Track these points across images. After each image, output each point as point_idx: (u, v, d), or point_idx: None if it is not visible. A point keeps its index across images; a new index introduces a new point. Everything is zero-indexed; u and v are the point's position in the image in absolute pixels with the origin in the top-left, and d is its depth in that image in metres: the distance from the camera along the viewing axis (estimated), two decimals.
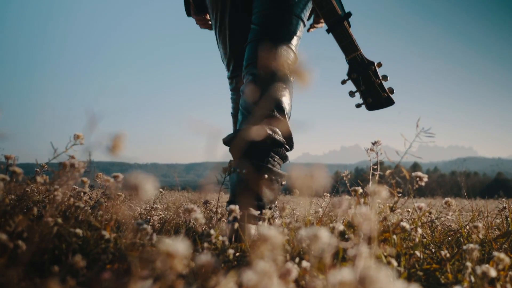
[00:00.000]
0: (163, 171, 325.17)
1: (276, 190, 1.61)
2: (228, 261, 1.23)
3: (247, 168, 1.51)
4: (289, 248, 1.14)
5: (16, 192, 1.52)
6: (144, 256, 0.38)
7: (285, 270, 0.70)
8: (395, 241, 1.26)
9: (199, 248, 1.23)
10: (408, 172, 1.38)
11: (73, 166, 1.00)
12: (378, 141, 1.54)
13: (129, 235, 1.16)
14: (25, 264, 0.97)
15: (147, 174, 0.61)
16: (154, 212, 2.29)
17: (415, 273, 1.22)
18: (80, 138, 1.20)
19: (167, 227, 1.71)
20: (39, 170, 1.57)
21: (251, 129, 1.51)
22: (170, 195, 6.75)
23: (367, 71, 1.53)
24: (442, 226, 1.95)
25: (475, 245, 1.17)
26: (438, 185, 49.78)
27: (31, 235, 1.08)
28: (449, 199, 1.57)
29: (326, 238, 0.57)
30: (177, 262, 0.43)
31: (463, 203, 6.87)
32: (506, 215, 1.95)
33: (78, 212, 1.39)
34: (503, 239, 1.54)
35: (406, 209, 1.88)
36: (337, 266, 0.96)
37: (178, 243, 0.45)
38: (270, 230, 0.58)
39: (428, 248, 1.51)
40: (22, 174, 1.16)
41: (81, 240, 1.19)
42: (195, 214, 1.18)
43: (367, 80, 1.53)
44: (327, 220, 1.66)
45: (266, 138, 1.51)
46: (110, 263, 1.11)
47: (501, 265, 1.07)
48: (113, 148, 0.65)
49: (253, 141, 1.48)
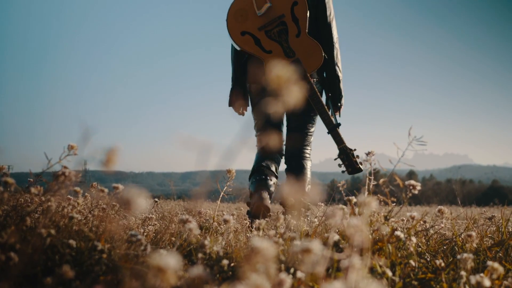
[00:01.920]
0: (159, 180, 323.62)
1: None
2: (222, 271, 1.22)
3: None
4: (283, 259, 1.14)
5: (9, 202, 1.51)
6: (136, 269, 0.38)
7: (278, 280, 0.69)
8: (390, 250, 1.26)
9: (193, 258, 1.23)
10: (402, 181, 1.38)
11: (64, 174, 1.00)
12: (372, 152, 1.56)
13: (123, 246, 1.16)
14: (17, 276, 0.96)
15: (140, 185, 0.61)
16: (149, 222, 2.28)
17: (410, 282, 1.22)
18: (74, 149, 1.20)
19: (161, 238, 1.70)
20: (32, 180, 1.57)
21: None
22: (166, 204, 6.71)
23: (349, 154, 2.47)
24: (437, 234, 1.96)
25: (469, 254, 1.17)
26: (434, 193, 49.93)
27: (23, 246, 1.07)
28: (442, 207, 1.57)
29: (319, 250, 0.57)
30: (169, 275, 0.43)
31: (458, 211, 6.88)
32: (498, 224, 1.96)
33: (72, 222, 1.38)
34: (498, 248, 1.55)
35: (401, 218, 1.88)
36: (332, 277, 0.96)
37: (169, 256, 0.45)
38: (263, 242, 0.58)
39: (423, 257, 1.51)
40: (15, 185, 1.15)
41: (74, 251, 1.18)
42: (189, 224, 1.18)
43: (349, 160, 2.48)
44: (322, 230, 1.66)
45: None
46: (104, 275, 1.10)
47: (495, 275, 1.08)
48: (107, 162, 0.65)
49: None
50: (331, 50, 2.55)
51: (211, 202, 7.55)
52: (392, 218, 1.46)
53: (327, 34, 2.57)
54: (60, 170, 1.02)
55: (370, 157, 1.55)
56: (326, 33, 2.57)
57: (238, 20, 2.45)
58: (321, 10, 2.56)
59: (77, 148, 1.20)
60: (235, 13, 2.47)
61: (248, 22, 2.44)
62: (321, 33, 2.57)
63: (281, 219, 1.42)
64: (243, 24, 2.44)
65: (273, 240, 1.18)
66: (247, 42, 2.44)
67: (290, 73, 0.52)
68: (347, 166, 2.47)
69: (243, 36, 2.44)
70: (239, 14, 2.46)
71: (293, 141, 2.71)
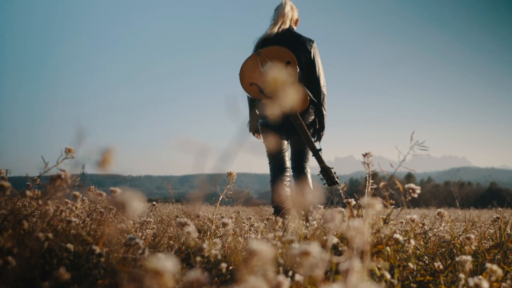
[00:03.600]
0: (157, 183, 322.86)
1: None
2: (221, 275, 1.22)
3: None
4: (282, 261, 1.13)
5: (7, 206, 1.51)
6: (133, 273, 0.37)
7: (277, 283, 0.69)
8: (389, 253, 1.26)
9: (192, 262, 1.22)
10: (402, 184, 1.38)
11: (61, 177, 1.00)
12: (369, 153, 1.56)
13: (121, 249, 1.15)
14: (15, 280, 0.96)
15: (138, 189, 0.61)
16: (147, 225, 2.28)
17: (409, 285, 1.22)
18: (71, 152, 1.19)
19: (160, 241, 1.69)
20: (30, 184, 1.56)
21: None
22: (164, 208, 6.70)
23: (328, 171, 3.30)
24: (436, 237, 1.95)
25: (468, 257, 1.17)
26: (432, 196, 49.94)
27: (21, 250, 1.06)
28: (442, 210, 1.57)
29: (318, 253, 0.56)
30: (166, 279, 0.43)
31: (457, 213, 6.88)
32: (499, 225, 1.96)
33: (69, 226, 1.38)
34: (496, 250, 1.54)
35: (400, 221, 1.88)
36: (330, 280, 0.95)
37: (166, 260, 0.45)
38: (261, 245, 0.58)
39: (422, 259, 1.50)
40: (11, 188, 1.15)
41: (72, 255, 1.18)
42: (188, 228, 1.17)
43: (328, 175, 3.30)
44: (321, 233, 1.65)
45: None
46: (102, 279, 1.09)
47: (494, 277, 1.07)
48: (103, 163, 0.65)
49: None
50: (319, 95, 3.47)
51: (210, 205, 7.54)
52: (391, 220, 1.46)
53: (317, 84, 3.48)
54: (57, 173, 1.02)
55: (367, 158, 1.55)
56: (315, 83, 3.48)
57: (247, 75, 3.31)
58: (312, 66, 3.45)
59: (74, 151, 1.19)
60: (245, 70, 3.31)
61: (255, 76, 3.30)
62: (312, 82, 3.47)
63: (279, 222, 1.42)
64: (251, 78, 3.30)
65: (271, 243, 1.17)
66: (253, 91, 3.29)
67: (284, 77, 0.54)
68: (326, 180, 3.34)
69: (251, 86, 3.30)
70: (248, 70, 3.32)
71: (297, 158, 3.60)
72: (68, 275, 0.86)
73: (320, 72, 3.47)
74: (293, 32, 3.50)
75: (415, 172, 19.41)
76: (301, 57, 3.39)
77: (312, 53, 3.43)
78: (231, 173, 2.04)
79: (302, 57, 3.39)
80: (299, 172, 3.54)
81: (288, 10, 3.49)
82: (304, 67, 3.41)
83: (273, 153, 3.55)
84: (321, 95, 3.47)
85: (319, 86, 3.46)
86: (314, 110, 3.48)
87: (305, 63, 3.41)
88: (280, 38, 3.43)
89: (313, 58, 3.44)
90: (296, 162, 3.56)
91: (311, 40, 3.47)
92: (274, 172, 3.56)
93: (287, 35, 3.46)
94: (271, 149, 3.56)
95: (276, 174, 3.53)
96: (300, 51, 3.40)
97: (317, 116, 3.50)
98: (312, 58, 3.43)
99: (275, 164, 3.56)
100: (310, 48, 3.43)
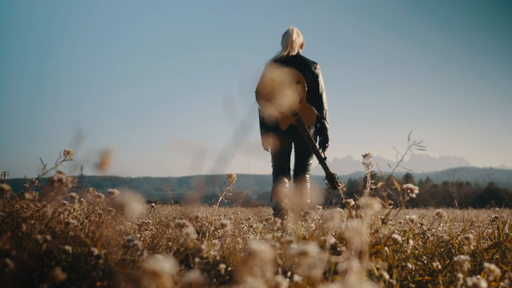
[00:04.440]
0: (156, 185, 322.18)
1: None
2: (220, 276, 1.22)
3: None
4: (281, 262, 1.13)
5: (5, 208, 1.50)
6: (132, 274, 0.37)
7: (275, 284, 0.69)
8: (387, 253, 1.26)
9: (191, 263, 1.22)
10: (400, 185, 1.38)
11: (61, 181, 0.99)
12: (369, 154, 1.56)
13: (120, 251, 1.15)
14: (13, 282, 0.95)
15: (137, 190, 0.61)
16: (146, 227, 2.27)
17: (407, 285, 1.22)
18: (70, 154, 1.19)
19: (158, 243, 1.69)
20: (28, 186, 1.56)
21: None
22: (163, 209, 6.69)
23: (332, 177, 3.75)
24: (434, 237, 1.96)
25: (466, 257, 1.17)
26: (430, 196, 49.97)
27: (19, 252, 1.06)
28: (441, 210, 1.57)
29: (316, 253, 0.57)
30: (164, 280, 0.43)
31: (455, 213, 6.89)
32: (497, 225, 1.97)
33: (68, 228, 1.37)
34: (494, 249, 1.55)
35: (398, 221, 1.88)
36: (329, 280, 0.96)
37: (165, 261, 0.45)
38: (260, 245, 0.58)
39: (420, 259, 1.51)
40: (11, 191, 1.14)
41: (70, 257, 1.17)
42: (186, 229, 1.17)
43: (332, 180, 3.75)
44: (319, 233, 1.66)
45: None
46: (100, 280, 1.09)
47: (492, 276, 1.08)
48: (101, 165, 0.65)
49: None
50: (322, 110, 3.98)
51: (209, 207, 7.54)
52: (389, 221, 1.46)
53: (320, 100, 3.98)
54: (55, 176, 1.01)
55: (367, 159, 1.55)
56: (319, 100, 3.98)
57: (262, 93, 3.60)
58: (316, 85, 3.96)
59: (73, 153, 1.19)
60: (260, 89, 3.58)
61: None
62: (316, 99, 3.97)
63: (278, 223, 1.42)
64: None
65: (270, 243, 1.17)
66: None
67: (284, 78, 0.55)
68: (330, 185, 3.80)
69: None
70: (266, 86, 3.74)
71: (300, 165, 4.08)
72: (64, 276, 0.85)
73: (323, 90, 4.00)
74: (300, 56, 4.03)
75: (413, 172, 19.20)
76: (307, 77, 3.90)
77: (316, 74, 3.97)
78: (231, 175, 2.03)
79: (308, 77, 3.91)
80: (300, 177, 4.02)
81: (295, 37, 4.01)
82: (309, 86, 3.93)
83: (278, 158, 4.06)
84: (323, 110, 3.99)
85: (322, 102, 3.98)
86: (318, 123, 4.00)
87: (310, 83, 3.93)
88: (289, 61, 3.95)
89: (317, 78, 3.97)
90: (298, 169, 4.05)
91: (315, 63, 4.00)
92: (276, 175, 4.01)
93: (295, 59, 3.98)
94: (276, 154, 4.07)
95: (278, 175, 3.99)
96: (306, 73, 3.91)
97: (321, 129, 4.01)
98: (316, 78, 3.96)
99: (278, 168, 4.04)
100: (314, 70, 3.97)
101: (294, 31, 4.06)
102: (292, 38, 4.00)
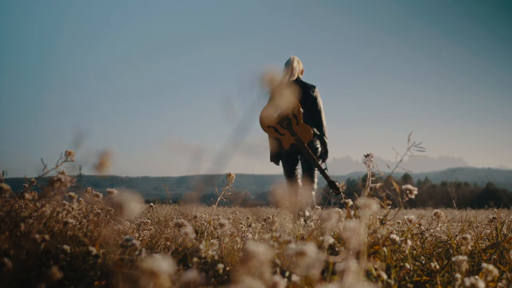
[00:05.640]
0: (154, 184, 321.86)
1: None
2: (218, 275, 1.22)
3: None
4: (279, 262, 1.14)
5: (4, 208, 1.50)
6: (129, 274, 0.37)
7: (273, 283, 0.69)
8: (385, 253, 1.26)
9: (189, 263, 1.22)
10: (399, 185, 1.38)
11: (60, 180, 0.99)
12: (371, 154, 1.56)
13: (118, 251, 1.15)
14: (11, 281, 0.95)
15: (135, 190, 0.61)
16: (144, 226, 2.27)
17: (406, 285, 1.22)
18: (71, 155, 1.19)
19: (157, 242, 1.69)
20: (27, 186, 1.56)
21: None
22: (162, 209, 6.69)
23: (334, 184, 3.95)
24: (432, 237, 1.96)
25: (464, 257, 1.18)
26: (429, 196, 50.01)
27: (17, 252, 1.06)
28: (438, 210, 1.58)
29: (314, 253, 0.57)
30: (162, 280, 0.43)
31: (453, 213, 6.90)
32: (495, 225, 1.97)
33: (66, 228, 1.37)
34: (492, 250, 1.55)
35: (397, 221, 1.88)
36: (327, 280, 0.96)
37: (163, 261, 0.45)
38: (258, 246, 0.58)
39: (418, 259, 1.51)
40: (10, 190, 1.14)
41: (69, 256, 1.17)
42: (185, 229, 1.18)
43: (334, 187, 3.94)
44: (317, 234, 1.66)
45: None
46: (98, 280, 1.09)
47: (490, 277, 1.08)
48: (100, 166, 0.65)
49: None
50: (321, 127, 4.54)
51: (207, 206, 7.53)
52: (388, 221, 1.46)
53: (319, 118, 4.56)
54: (56, 176, 1.01)
55: (369, 160, 1.55)
56: (318, 118, 4.56)
57: (266, 120, 4.32)
58: (315, 105, 4.52)
59: (74, 154, 1.19)
60: (264, 117, 4.33)
61: (271, 120, 4.37)
62: (316, 117, 4.55)
63: (276, 223, 1.42)
64: (268, 122, 4.33)
65: (268, 243, 1.18)
66: (271, 131, 4.36)
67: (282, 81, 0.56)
68: (333, 190, 4.12)
69: (268, 128, 4.37)
70: (266, 115, 4.30)
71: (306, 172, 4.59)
72: (61, 274, 0.85)
73: (321, 109, 4.58)
74: (300, 81, 4.62)
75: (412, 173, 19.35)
76: (307, 100, 4.49)
77: (314, 96, 4.55)
78: (230, 174, 2.04)
79: (308, 100, 4.50)
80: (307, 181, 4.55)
81: (296, 65, 4.60)
82: (309, 107, 4.50)
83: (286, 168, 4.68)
84: (322, 127, 4.57)
85: (321, 120, 4.58)
86: (318, 138, 4.50)
87: (310, 104, 4.52)
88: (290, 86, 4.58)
89: (316, 100, 4.56)
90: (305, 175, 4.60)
91: (313, 86, 4.60)
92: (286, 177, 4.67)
93: (295, 84, 4.57)
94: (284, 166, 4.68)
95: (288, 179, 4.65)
96: (306, 96, 4.51)
97: (321, 144, 4.56)
98: (315, 100, 4.54)
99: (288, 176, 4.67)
100: (313, 93, 4.55)
101: (294, 60, 4.64)
102: (293, 66, 4.58)
